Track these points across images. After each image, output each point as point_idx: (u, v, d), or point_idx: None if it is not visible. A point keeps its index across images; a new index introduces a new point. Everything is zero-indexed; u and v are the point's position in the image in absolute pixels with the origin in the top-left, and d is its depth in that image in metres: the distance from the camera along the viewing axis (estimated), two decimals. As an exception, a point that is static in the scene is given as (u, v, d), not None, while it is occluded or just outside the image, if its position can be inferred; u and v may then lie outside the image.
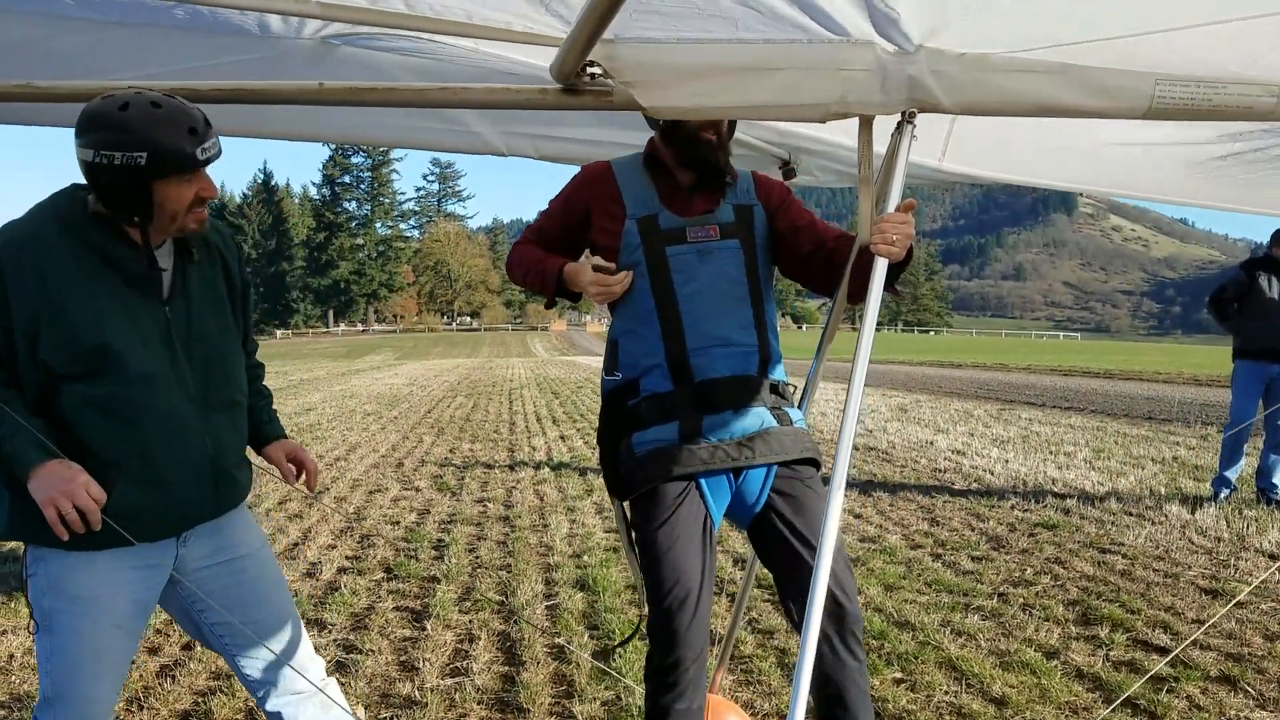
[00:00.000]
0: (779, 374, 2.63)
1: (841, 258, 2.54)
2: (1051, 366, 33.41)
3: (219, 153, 2.13)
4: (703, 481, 2.48)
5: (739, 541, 6.13)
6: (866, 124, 2.29)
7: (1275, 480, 7.59)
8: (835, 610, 2.46)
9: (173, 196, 2.10)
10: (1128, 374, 28.78)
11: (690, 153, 2.55)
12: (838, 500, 2.02)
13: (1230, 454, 7.70)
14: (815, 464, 2.60)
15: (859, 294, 2.43)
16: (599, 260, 2.54)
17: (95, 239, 2.12)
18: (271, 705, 2.52)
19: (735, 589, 5.03)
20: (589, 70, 2.10)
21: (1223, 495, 7.71)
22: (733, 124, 2.66)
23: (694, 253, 2.52)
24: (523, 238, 2.75)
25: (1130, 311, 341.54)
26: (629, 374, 2.54)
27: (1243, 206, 3.69)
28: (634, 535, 2.57)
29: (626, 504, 2.64)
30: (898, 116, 2.11)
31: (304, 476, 2.59)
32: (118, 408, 2.11)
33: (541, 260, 2.63)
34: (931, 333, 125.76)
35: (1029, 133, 3.11)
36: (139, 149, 2.00)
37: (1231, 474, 7.72)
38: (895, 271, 2.25)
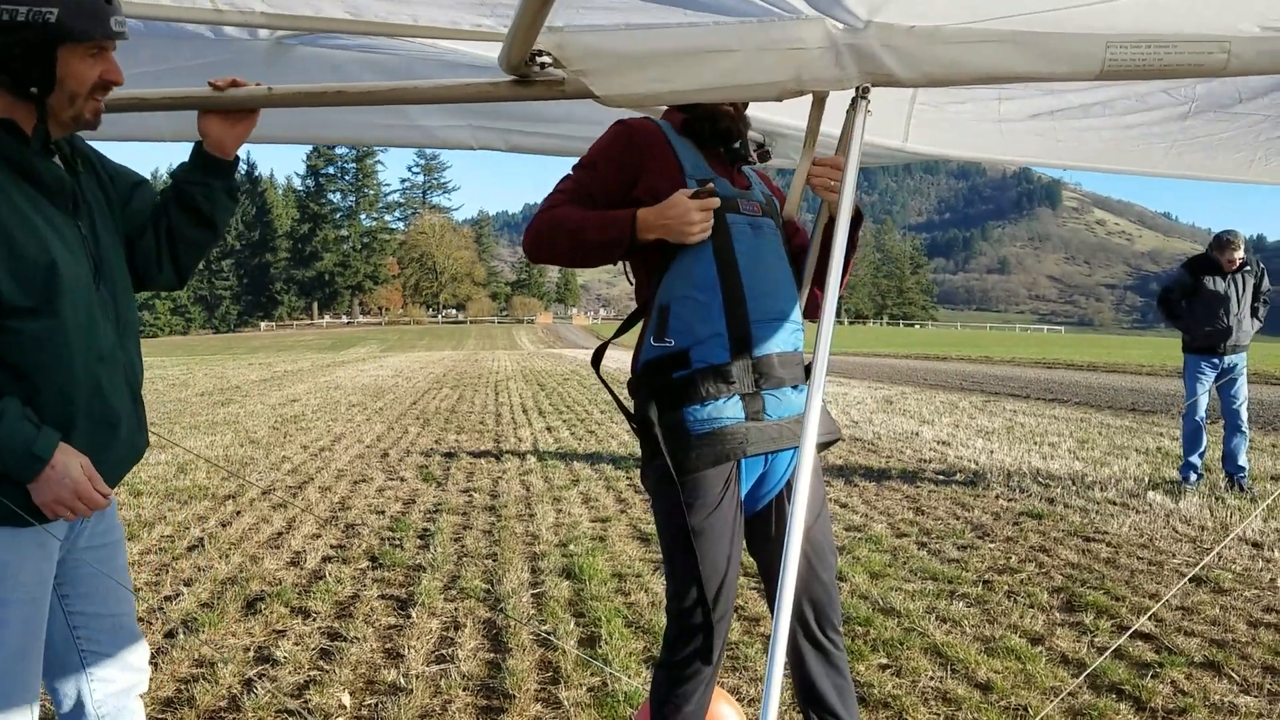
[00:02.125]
0: None
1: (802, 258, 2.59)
2: (1036, 359, 33.58)
3: (127, 34, 1.93)
4: (743, 461, 2.39)
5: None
6: (819, 101, 2.29)
7: (1241, 463, 7.85)
8: (815, 598, 2.46)
9: (77, 71, 1.87)
10: (1111, 366, 28.95)
11: (712, 125, 2.47)
12: (805, 475, 2.02)
13: (1191, 441, 8.01)
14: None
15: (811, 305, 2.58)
16: (697, 188, 2.31)
17: (7, 147, 1.88)
18: (98, 700, 2.25)
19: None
20: (539, 60, 2.07)
21: (1192, 480, 7.97)
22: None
23: (747, 224, 2.43)
24: (553, 201, 2.40)
25: (1114, 305, 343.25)
26: (682, 342, 2.34)
27: (1201, 173, 3.70)
28: (673, 523, 2.37)
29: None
30: (852, 92, 2.10)
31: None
32: (63, 341, 1.91)
33: (599, 215, 2.34)
34: (917, 326, 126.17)
35: (987, 108, 3.10)
36: (49, 4, 1.77)
37: (1196, 459, 8.02)
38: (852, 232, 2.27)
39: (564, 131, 3.93)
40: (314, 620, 4.60)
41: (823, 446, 2.44)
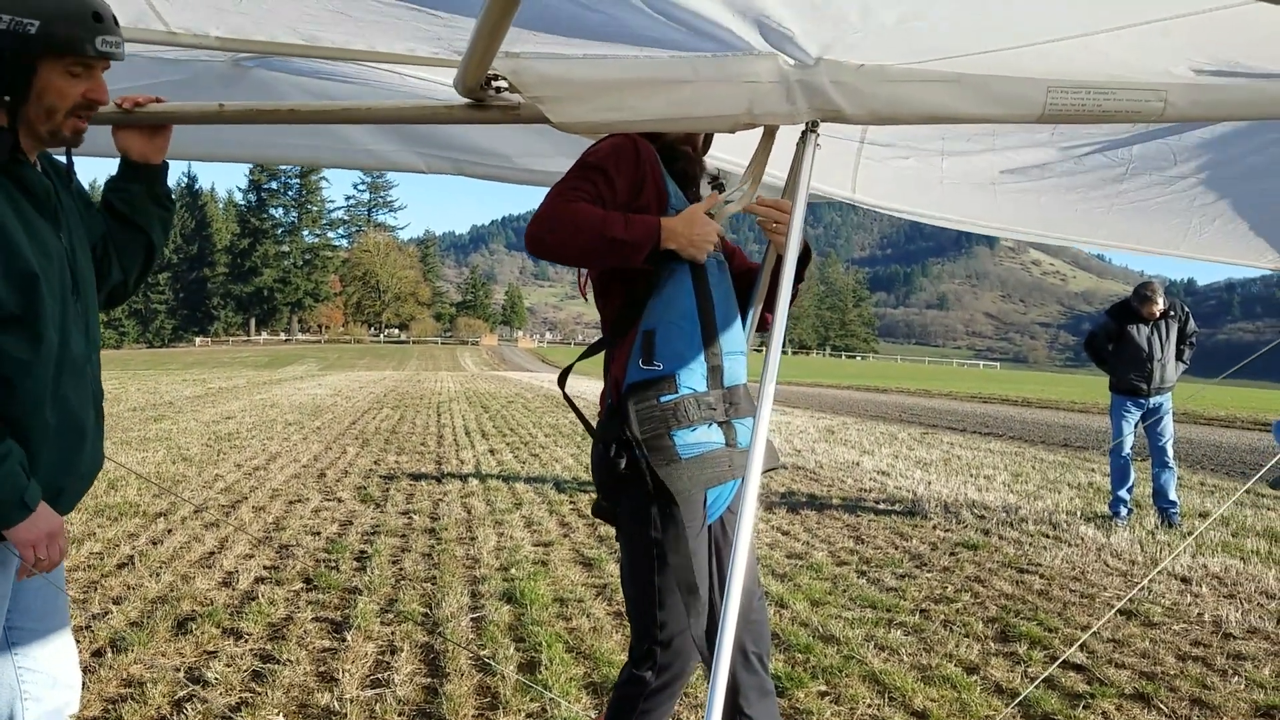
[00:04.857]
0: None
1: (751, 279, 2.63)
2: (972, 394, 34.18)
3: (121, 56, 1.93)
4: (708, 490, 2.40)
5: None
6: (769, 133, 2.34)
7: (1172, 498, 8.08)
8: (751, 625, 2.48)
9: (56, 87, 1.89)
10: (1045, 402, 29.60)
11: (668, 164, 2.48)
12: (751, 499, 2.04)
13: (1120, 477, 8.24)
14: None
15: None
16: (715, 203, 2.36)
17: (5, 159, 1.91)
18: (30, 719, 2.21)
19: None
20: (494, 84, 2.07)
21: (1123, 514, 8.17)
22: (709, 138, 2.60)
23: (715, 261, 2.46)
24: (569, 196, 2.26)
25: (1048, 343, 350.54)
26: (670, 367, 2.34)
27: (1139, 244, 3.79)
28: (656, 547, 2.35)
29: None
30: (802, 126, 2.15)
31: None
32: (40, 352, 1.91)
33: (623, 215, 2.26)
34: (858, 358, 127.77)
35: (930, 165, 3.15)
36: (31, 16, 1.80)
37: (1125, 494, 8.22)
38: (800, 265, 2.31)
39: (513, 164, 3.98)
40: (246, 641, 4.49)
41: (764, 474, 2.46)
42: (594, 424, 2.51)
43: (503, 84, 2.09)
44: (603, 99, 2.06)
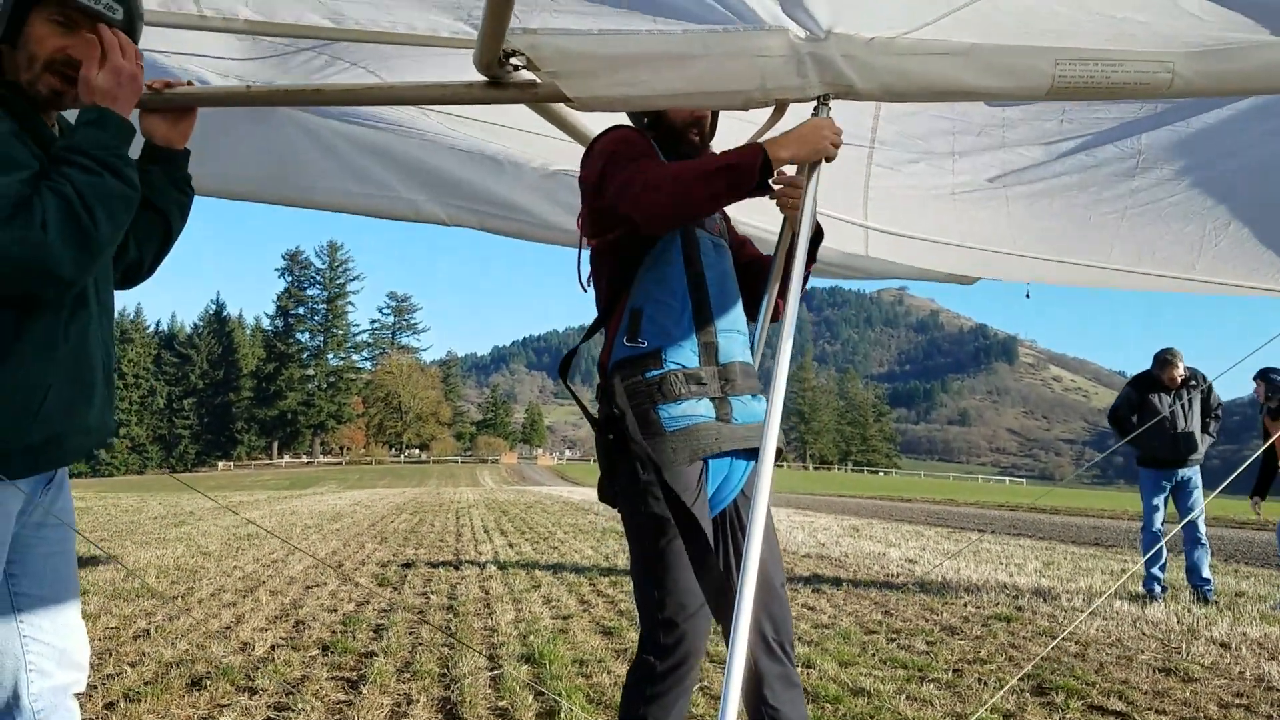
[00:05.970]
0: None
1: (763, 265, 2.69)
2: (999, 503, 33.66)
3: (118, 19, 1.95)
4: (711, 465, 2.38)
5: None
6: (780, 109, 2.38)
7: (1205, 574, 7.87)
8: (772, 612, 2.42)
9: (39, 34, 1.89)
10: (1074, 510, 29.05)
11: (674, 152, 2.54)
12: (768, 465, 2.02)
13: (1151, 554, 8.01)
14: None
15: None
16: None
17: (20, 111, 1.92)
18: (34, 693, 2.12)
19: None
20: (512, 61, 2.15)
21: (1157, 592, 7.93)
22: (714, 125, 2.67)
23: (710, 241, 2.52)
24: (644, 168, 2.31)
25: (1073, 460, 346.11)
26: (655, 343, 2.38)
27: (1152, 268, 3.78)
28: (653, 521, 2.33)
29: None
30: (814, 102, 2.20)
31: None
32: (57, 306, 1.91)
33: (715, 156, 2.29)
34: (881, 473, 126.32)
35: (941, 167, 3.19)
36: None
37: (1158, 571, 8.00)
38: (812, 246, 2.41)
39: (535, 219, 4.06)
40: (260, 696, 4.39)
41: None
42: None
43: (520, 61, 2.17)
44: (618, 74, 2.13)
